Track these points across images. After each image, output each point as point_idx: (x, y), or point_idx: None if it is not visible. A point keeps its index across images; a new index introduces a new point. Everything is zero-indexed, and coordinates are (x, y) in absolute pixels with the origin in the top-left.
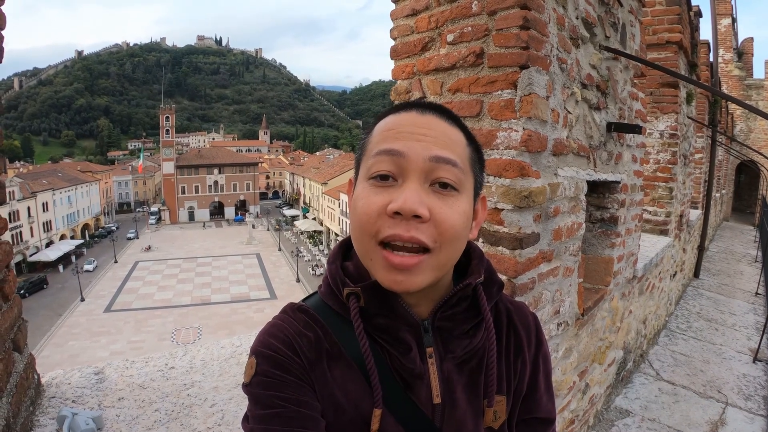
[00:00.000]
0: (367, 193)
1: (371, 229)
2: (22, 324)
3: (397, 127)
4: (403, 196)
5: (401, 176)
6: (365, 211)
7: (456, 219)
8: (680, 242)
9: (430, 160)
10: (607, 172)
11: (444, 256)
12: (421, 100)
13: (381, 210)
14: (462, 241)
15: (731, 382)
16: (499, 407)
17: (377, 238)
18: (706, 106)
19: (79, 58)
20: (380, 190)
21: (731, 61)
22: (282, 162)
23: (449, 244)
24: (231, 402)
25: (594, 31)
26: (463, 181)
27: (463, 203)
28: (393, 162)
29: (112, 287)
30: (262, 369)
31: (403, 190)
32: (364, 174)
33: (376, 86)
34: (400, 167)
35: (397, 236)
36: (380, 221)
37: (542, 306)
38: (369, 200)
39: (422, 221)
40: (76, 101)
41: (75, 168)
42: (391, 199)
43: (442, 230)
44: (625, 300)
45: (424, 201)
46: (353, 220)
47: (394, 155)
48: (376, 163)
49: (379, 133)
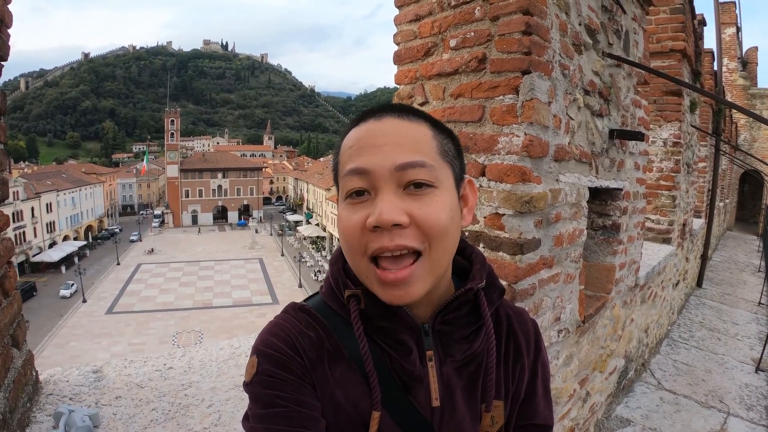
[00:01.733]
0: (346, 213)
1: (358, 246)
2: (22, 320)
3: (358, 142)
4: (377, 208)
5: (373, 189)
6: (348, 231)
7: (438, 214)
8: (683, 251)
9: (396, 169)
10: (609, 179)
11: (436, 253)
12: (377, 105)
13: (361, 226)
14: (452, 234)
15: (733, 392)
16: (496, 412)
17: (367, 254)
18: (709, 114)
19: (85, 60)
20: (357, 207)
21: (735, 70)
22: (286, 167)
23: (438, 240)
24: (228, 403)
25: (597, 38)
26: (438, 175)
27: (443, 197)
28: (361, 179)
29: (114, 289)
30: (264, 368)
31: (376, 203)
32: (341, 194)
33: (381, 93)
34: (369, 182)
35: (384, 248)
36: (364, 237)
37: (543, 312)
38: (349, 220)
39: (403, 227)
40: (82, 103)
41: (79, 169)
42: (368, 214)
43: (426, 229)
44: (626, 308)
45: (401, 207)
46: (341, 239)
47: (361, 174)
48: (347, 182)
49: (344, 152)
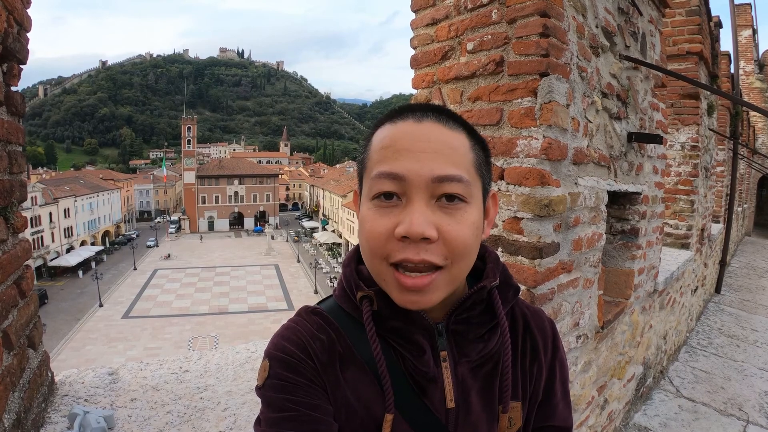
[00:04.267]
0: (372, 214)
1: (381, 252)
2: (38, 322)
3: (394, 144)
4: (409, 218)
5: (405, 196)
6: (373, 235)
7: (466, 233)
8: (701, 256)
9: (433, 181)
10: (628, 183)
11: (456, 270)
12: (418, 103)
13: (389, 233)
14: (474, 252)
15: (752, 400)
16: (514, 413)
17: (388, 261)
18: (727, 118)
19: (103, 68)
20: (385, 211)
21: (752, 72)
22: (302, 174)
23: (461, 259)
24: (244, 406)
25: (614, 40)
26: (471, 190)
27: (472, 213)
28: (394, 184)
29: (130, 294)
30: (275, 372)
31: (408, 212)
32: (367, 194)
33: (397, 100)
34: (402, 188)
35: (408, 260)
36: (389, 245)
37: (561, 317)
38: (375, 223)
39: (431, 242)
40: (100, 110)
41: (97, 175)
42: (397, 221)
43: (452, 248)
44: (645, 314)
45: (431, 220)
46: (362, 241)
47: (395, 179)
48: (377, 184)
49: (377, 150)
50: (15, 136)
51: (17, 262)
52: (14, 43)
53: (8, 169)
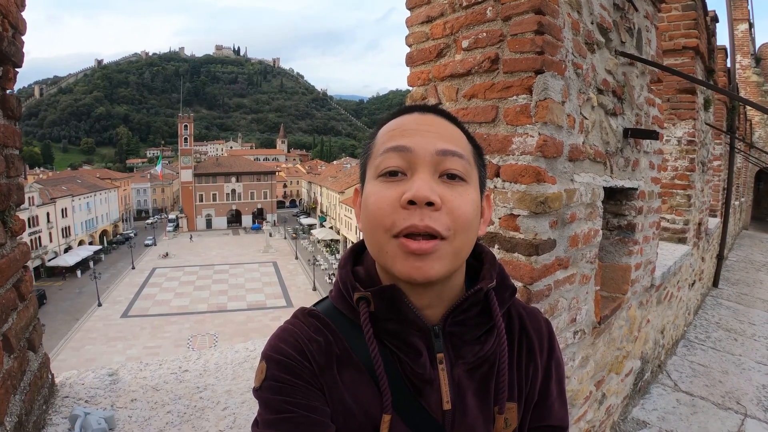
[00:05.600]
0: (378, 188)
1: (386, 222)
2: (37, 324)
3: (401, 126)
4: (415, 185)
5: (410, 170)
6: (378, 206)
7: (467, 207)
8: (699, 251)
9: (437, 153)
10: (624, 179)
11: (458, 242)
12: (423, 104)
13: (394, 202)
14: (474, 230)
15: (750, 393)
16: (510, 414)
17: (392, 232)
18: (724, 112)
19: (98, 67)
20: (391, 184)
21: (749, 66)
22: (299, 171)
23: (462, 231)
24: (243, 406)
25: (609, 36)
26: (470, 172)
27: (472, 193)
28: (401, 157)
29: (129, 293)
30: (272, 374)
31: (414, 180)
32: (373, 173)
33: (393, 95)
34: (408, 161)
35: (413, 227)
36: (395, 214)
37: (558, 314)
38: (381, 195)
39: (435, 209)
40: (96, 109)
41: (94, 175)
42: (403, 191)
43: (455, 217)
44: (642, 309)
45: (435, 190)
46: (365, 217)
47: (402, 151)
48: (385, 160)
49: (384, 134)
50: (11, 140)
51: (16, 265)
52: (9, 47)
53: (5, 173)
